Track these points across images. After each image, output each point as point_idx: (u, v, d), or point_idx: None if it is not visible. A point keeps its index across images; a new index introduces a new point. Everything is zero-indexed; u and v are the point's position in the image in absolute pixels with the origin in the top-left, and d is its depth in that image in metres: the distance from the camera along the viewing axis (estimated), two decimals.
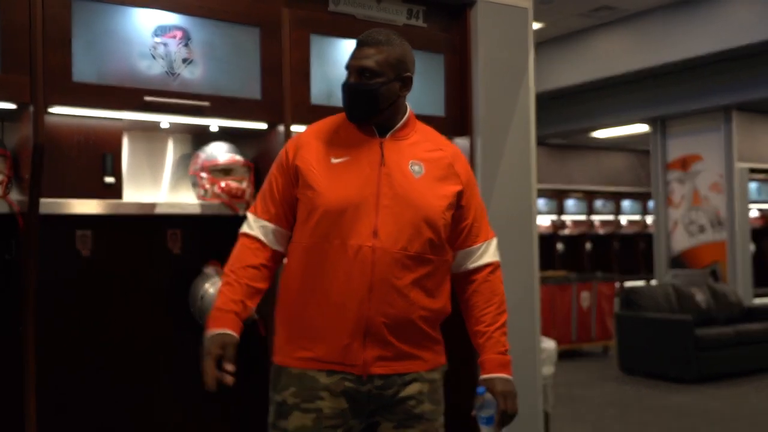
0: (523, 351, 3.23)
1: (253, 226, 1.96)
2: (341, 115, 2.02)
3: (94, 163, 2.52)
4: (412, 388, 1.91)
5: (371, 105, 1.93)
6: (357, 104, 1.94)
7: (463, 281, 2.04)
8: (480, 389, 1.90)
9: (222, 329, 1.85)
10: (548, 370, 3.46)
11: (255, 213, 1.98)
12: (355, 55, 1.94)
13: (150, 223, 2.73)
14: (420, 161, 1.96)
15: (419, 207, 1.90)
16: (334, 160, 1.93)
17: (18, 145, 2.40)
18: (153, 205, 2.60)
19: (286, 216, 1.97)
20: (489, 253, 2.04)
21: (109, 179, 2.54)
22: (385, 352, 1.87)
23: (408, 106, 2.02)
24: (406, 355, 1.90)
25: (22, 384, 2.31)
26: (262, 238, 1.95)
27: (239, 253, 1.95)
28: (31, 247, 2.29)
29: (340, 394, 1.87)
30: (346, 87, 1.95)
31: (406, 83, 1.98)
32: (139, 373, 2.75)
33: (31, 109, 2.25)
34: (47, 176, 2.29)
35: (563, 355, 6.98)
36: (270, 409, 1.95)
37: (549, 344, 3.50)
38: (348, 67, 1.96)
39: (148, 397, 2.76)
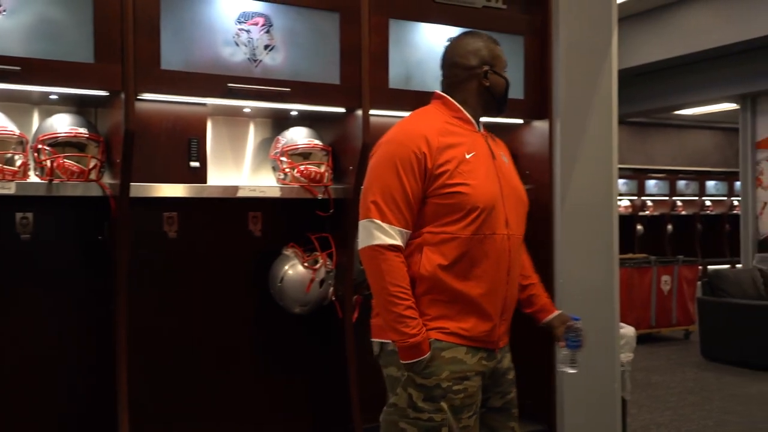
0: (601, 337, 3.18)
1: (393, 234, 1.97)
2: (430, 110, 2.12)
3: (181, 147, 2.61)
4: (507, 359, 2.17)
5: None
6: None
7: None
8: (575, 317, 2.22)
9: (426, 354, 1.97)
10: (627, 357, 3.39)
11: (389, 221, 1.97)
12: (502, 53, 2.17)
13: (232, 206, 2.80)
14: (503, 152, 2.20)
15: (521, 193, 2.17)
16: (467, 155, 2.04)
17: (110, 130, 2.50)
18: (235, 188, 2.67)
19: (414, 218, 2.01)
20: None
21: (194, 163, 2.62)
22: (506, 326, 2.12)
23: None
24: (509, 328, 2.15)
25: (113, 358, 2.43)
26: (402, 244, 1.99)
27: (398, 270, 1.96)
28: (122, 228, 2.39)
29: (480, 373, 2.05)
30: (507, 82, 2.18)
31: None
32: (222, 349, 2.85)
33: (123, 96, 2.33)
34: (136, 160, 2.38)
35: (641, 340, 6.78)
36: (407, 392, 1.98)
37: (628, 330, 3.43)
38: (504, 63, 2.17)
39: (231, 372, 2.85)
